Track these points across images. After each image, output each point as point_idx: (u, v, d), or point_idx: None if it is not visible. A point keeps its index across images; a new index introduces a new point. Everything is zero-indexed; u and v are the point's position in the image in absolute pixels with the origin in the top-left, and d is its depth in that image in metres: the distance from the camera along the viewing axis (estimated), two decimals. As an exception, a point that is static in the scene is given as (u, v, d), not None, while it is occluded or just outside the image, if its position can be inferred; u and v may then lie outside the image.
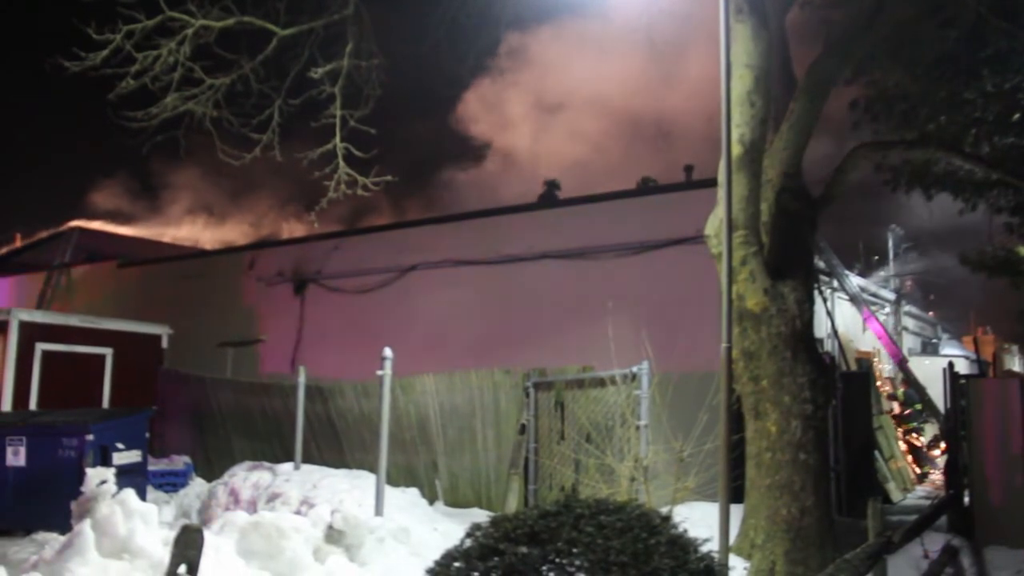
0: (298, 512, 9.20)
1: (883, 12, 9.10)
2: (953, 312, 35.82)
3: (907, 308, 25.27)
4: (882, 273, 26.24)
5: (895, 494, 14.41)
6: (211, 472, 14.74)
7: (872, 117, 12.15)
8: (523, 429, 12.10)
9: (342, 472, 11.61)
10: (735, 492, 7.53)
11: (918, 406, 18.02)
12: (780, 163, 9.18)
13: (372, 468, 10.71)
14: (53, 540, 7.50)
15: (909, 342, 24.79)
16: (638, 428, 9.42)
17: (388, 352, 9.86)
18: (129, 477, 10.33)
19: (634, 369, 9.85)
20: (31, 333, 15.78)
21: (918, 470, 16.82)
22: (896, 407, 17.71)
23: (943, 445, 17.42)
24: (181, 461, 15.12)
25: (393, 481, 11.55)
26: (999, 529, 10.31)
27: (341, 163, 11.03)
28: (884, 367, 19.85)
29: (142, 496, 8.97)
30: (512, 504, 11.74)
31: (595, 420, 10.75)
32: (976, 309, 37.98)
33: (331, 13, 10.96)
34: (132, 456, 12.03)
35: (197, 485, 13.91)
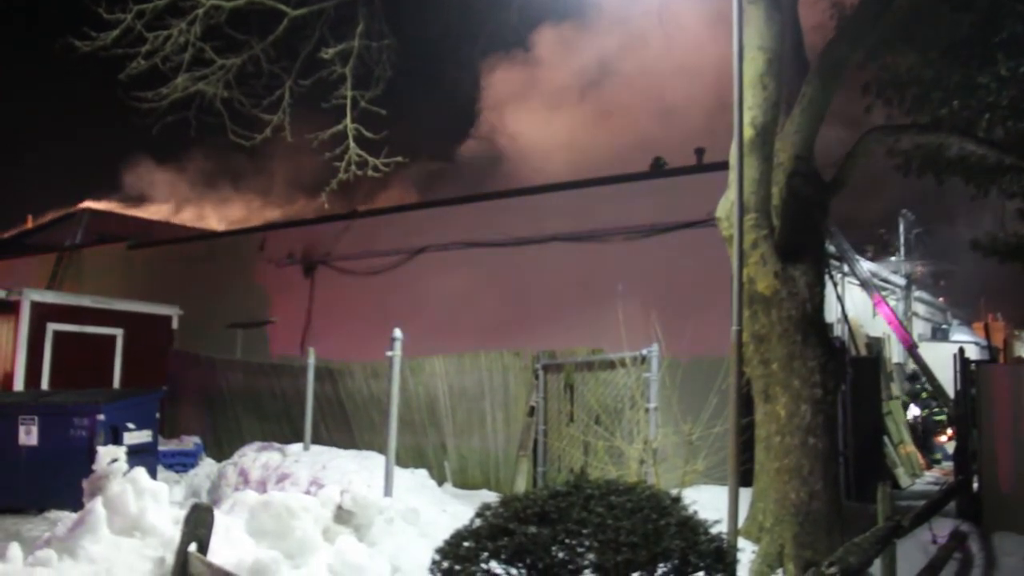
0: (307, 492, 9.23)
1: (898, -5, 9.03)
2: (963, 298, 35.70)
3: (917, 294, 25.19)
4: (893, 259, 26.12)
5: (904, 479, 14.40)
6: (221, 452, 14.83)
7: (885, 101, 12.08)
8: (532, 411, 12.10)
9: (351, 453, 11.66)
10: (744, 475, 7.53)
11: (924, 395, 18.01)
12: (792, 146, 9.13)
13: (381, 449, 10.76)
14: (65, 518, 7.54)
15: (919, 328, 24.72)
16: (647, 411, 9.41)
17: (398, 333, 9.87)
18: (140, 457, 10.38)
19: (644, 352, 9.84)
20: (43, 313, 15.86)
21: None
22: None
23: (949, 431, 17.42)
24: (191, 441, 15.20)
25: (402, 462, 11.60)
26: (1008, 515, 10.30)
27: (352, 144, 11.02)
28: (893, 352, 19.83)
29: (152, 476, 9.03)
30: (521, 486, 11.75)
31: (604, 402, 10.75)
32: (987, 295, 37.84)
33: (342, -7, 10.94)
34: (143, 436, 12.10)
35: (207, 465, 14.01)
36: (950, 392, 14.91)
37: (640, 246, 14.01)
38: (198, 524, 4.94)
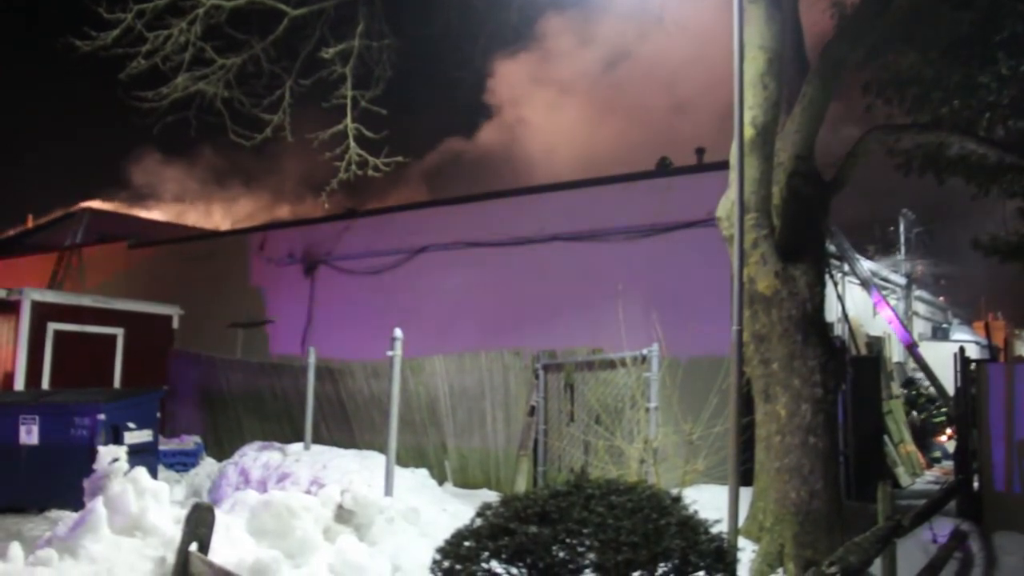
0: (308, 492, 9.23)
1: (898, -7, 9.03)
2: (964, 297, 35.69)
3: (918, 293, 25.19)
4: (899, 257, 26.17)
5: (904, 479, 14.40)
6: (221, 452, 14.83)
7: (885, 100, 12.07)
8: (533, 411, 12.11)
9: (352, 452, 11.67)
10: (744, 475, 7.53)
11: (921, 400, 18.01)
12: (792, 146, 9.13)
13: (382, 449, 10.76)
14: (66, 517, 7.55)
15: (920, 327, 24.72)
16: (648, 410, 9.42)
17: (398, 333, 9.87)
18: (140, 456, 10.39)
19: (644, 351, 9.84)
20: (43, 313, 15.86)
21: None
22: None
23: (949, 431, 17.41)
24: (192, 441, 15.20)
25: (402, 462, 11.60)
26: (1008, 514, 10.29)
27: (352, 144, 11.02)
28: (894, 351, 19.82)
29: (153, 475, 9.03)
30: (521, 485, 11.76)
31: (605, 402, 10.75)
32: (987, 294, 37.84)
33: (342, -8, 10.93)
34: (143, 436, 12.10)
35: (207, 465, 14.01)
36: (950, 391, 14.91)
37: (640, 246, 14.01)
38: (199, 523, 4.94)
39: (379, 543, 7.92)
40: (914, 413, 17.63)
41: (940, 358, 17.54)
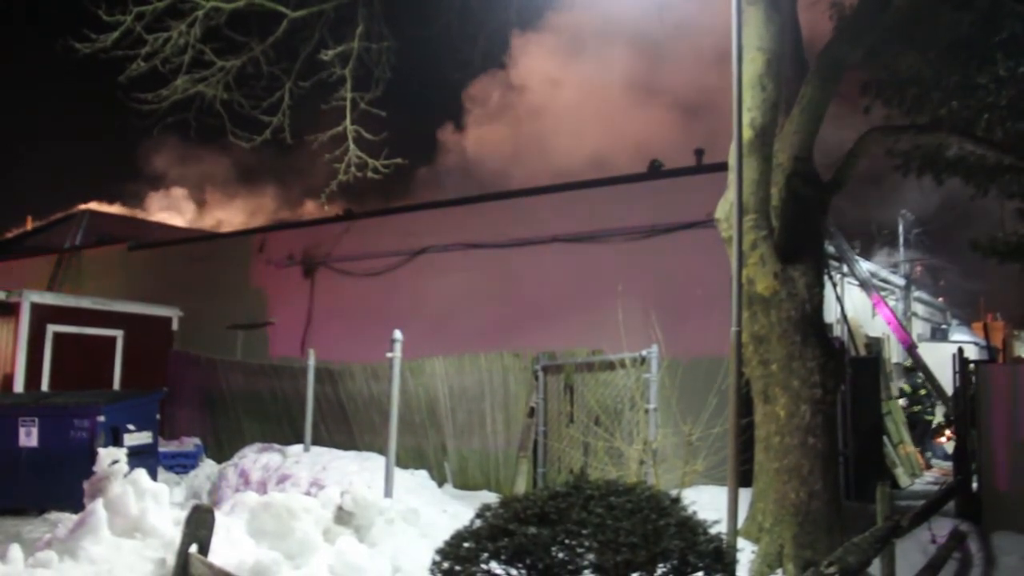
0: (308, 493, 9.24)
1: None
2: (963, 298, 35.64)
3: (917, 294, 25.18)
4: (899, 256, 26.16)
5: (903, 479, 14.41)
6: (221, 454, 14.84)
7: (884, 101, 12.08)
8: (532, 412, 12.11)
9: (352, 454, 11.67)
10: (744, 476, 7.54)
11: (924, 391, 18.01)
12: (791, 147, 9.14)
13: (381, 450, 10.77)
14: (66, 519, 7.58)
15: (918, 328, 24.72)
16: (647, 411, 9.43)
17: (398, 334, 9.88)
18: (140, 458, 10.40)
19: (644, 352, 9.85)
20: (43, 315, 15.86)
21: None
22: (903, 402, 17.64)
23: (947, 432, 17.42)
24: (191, 443, 15.21)
25: (402, 463, 11.61)
26: (1007, 514, 10.30)
27: (351, 145, 11.03)
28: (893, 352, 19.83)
29: (153, 477, 9.04)
30: (521, 486, 11.77)
31: (604, 403, 10.76)
32: (986, 295, 37.81)
33: (341, -6, 10.94)
34: (143, 437, 12.12)
35: (207, 467, 14.02)
36: (949, 392, 14.92)
37: (640, 247, 14.01)
38: (199, 525, 4.96)
39: (379, 544, 7.93)
40: (912, 406, 17.62)
41: (939, 359, 17.54)
